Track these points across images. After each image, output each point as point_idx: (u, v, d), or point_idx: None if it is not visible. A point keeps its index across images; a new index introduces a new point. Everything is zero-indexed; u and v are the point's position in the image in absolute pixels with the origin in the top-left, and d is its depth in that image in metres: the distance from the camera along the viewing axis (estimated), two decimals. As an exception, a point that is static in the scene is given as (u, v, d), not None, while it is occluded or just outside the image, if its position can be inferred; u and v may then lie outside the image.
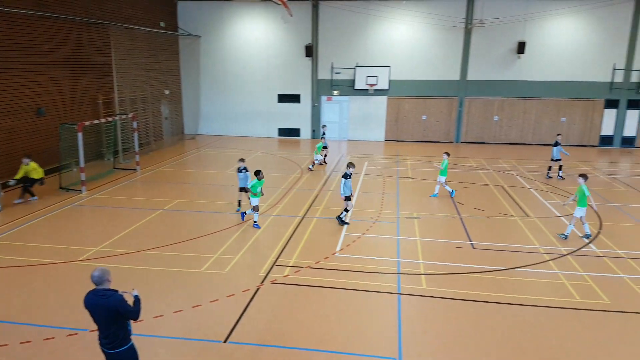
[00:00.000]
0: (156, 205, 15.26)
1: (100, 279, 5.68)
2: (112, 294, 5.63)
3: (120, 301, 5.61)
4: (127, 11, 24.05)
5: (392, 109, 29.40)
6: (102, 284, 5.69)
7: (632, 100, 27.39)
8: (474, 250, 11.93)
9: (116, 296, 5.63)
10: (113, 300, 5.58)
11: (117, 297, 5.63)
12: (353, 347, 7.74)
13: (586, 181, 12.66)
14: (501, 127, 28.77)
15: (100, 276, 5.67)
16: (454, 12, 27.33)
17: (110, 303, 5.57)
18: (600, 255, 11.68)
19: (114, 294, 5.64)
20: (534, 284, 10.12)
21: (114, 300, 5.59)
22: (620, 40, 26.66)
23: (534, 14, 26.78)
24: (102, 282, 5.69)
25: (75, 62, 20.72)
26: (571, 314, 8.86)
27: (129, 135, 22.65)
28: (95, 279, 5.66)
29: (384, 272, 10.59)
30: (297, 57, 29.17)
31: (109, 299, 5.58)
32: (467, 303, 9.20)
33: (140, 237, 12.48)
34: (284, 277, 10.19)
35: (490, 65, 27.90)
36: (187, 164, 22.20)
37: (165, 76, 28.49)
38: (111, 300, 5.58)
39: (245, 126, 30.77)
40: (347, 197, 13.66)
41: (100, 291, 5.65)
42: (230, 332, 8.03)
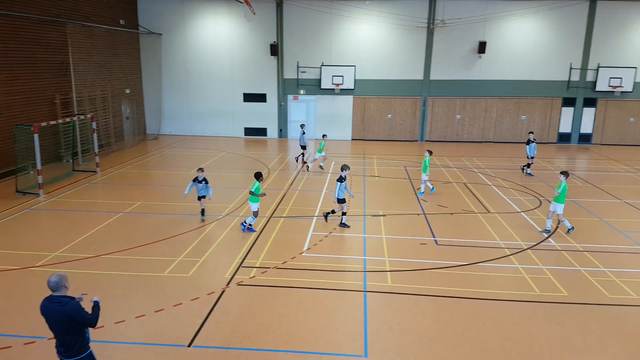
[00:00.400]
0: (117, 208, 14.87)
1: (57, 285, 5.47)
2: (68, 301, 5.43)
3: (76, 309, 5.42)
4: (85, 9, 23.35)
5: (358, 108, 29.59)
6: (59, 290, 5.48)
7: (588, 98, 28.48)
8: (437, 246, 12.13)
9: (72, 303, 5.43)
10: (69, 308, 5.39)
11: (73, 305, 5.43)
12: (319, 346, 7.74)
13: (567, 178, 12.96)
14: (463, 125, 29.37)
15: (57, 282, 5.46)
16: (416, 13, 27.73)
17: (66, 310, 5.38)
18: (559, 249, 12.06)
19: (70, 301, 5.44)
20: (495, 278, 10.36)
21: (70, 307, 5.39)
22: (577, 40, 27.66)
23: (493, 14, 27.44)
24: (59, 288, 5.48)
25: (31, 62, 20.00)
26: (532, 307, 9.11)
27: (89, 136, 21.99)
28: (51, 284, 5.45)
29: (351, 270, 10.64)
30: (262, 56, 28.99)
31: (64, 307, 5.38)
32: (431, 298, 9.34)
33: (101, 241, 12.13)
34: (250, 279, 10.09)
35: (453, 65, 28.43)
36: (150, 165, 21.73)
37: (126, 75, 27.81)
38: (67, 308, 5.38)
39: (210, 126, 30.38)
40: (340, 199, 13.33)
41: (56, 298, 5.45)
42: (194, 336, 7.90)
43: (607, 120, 28.85)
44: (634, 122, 28.68)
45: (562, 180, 12.92)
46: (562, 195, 12.79)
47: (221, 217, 14.16)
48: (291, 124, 30.23)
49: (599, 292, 9.79)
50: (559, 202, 12.85)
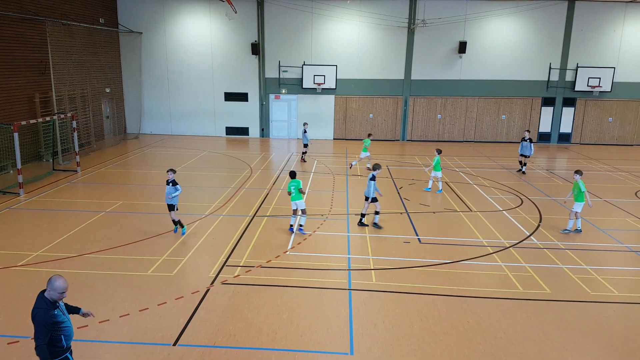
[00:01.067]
0: (98, 208, 14.69)
1: (48, 284, 5.37)
2: (42, 307, 5.28)
3: (40, 320, 5.24)
4: (64, 7, 22.98)
5: (339, 108, 29.69)
6: (48, 291, 5.38)
7: (567, 98, 29.01)
8: (421, 244, 12.25)
9: (42, 312, 5.27)
10: (37, 314, 5.26)
11: (41, 314, 5.26)
12: (305, 344, 7.77)
13: (581, 177, 13.12)
14: (444, 125, 29.68)
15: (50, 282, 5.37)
16: (397, 12, 27.92)
17: (34, 314, 5.27)
18: (541, 247, 12.26)
19: (43, 309, 5.27)
20: (478, 276, 10.50)
21: (37, 313, 5.27)
22: (556, 40, 28.16)
23: (473, 14, 27.79)
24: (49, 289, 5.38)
25: (9, 59, 19.65)
26: (515, 304, 9.25)
27: (69, 135, 21.68)
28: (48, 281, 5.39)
29: (335, 268, 10.68)
30: (243, 55, 28.88)
31: (36, 310, 5.28)
32: (415, 296, 9.44)
33: (83, 240, 11.98)
34: (234, 278, 10.08)
35: (433, 64, 28.70)
36: (130, 164, 21.49)
37: (106, 74, 27.45)
38: (35, 312, 5.27)
39: (191, 125, 30.16)
40: (373, 198, 13.21)
41: (41, 299, 5.36)
42: (179, 335, 7.86)
43: (586, 120, 29.43)
44: (612, 121, 29.32)
45: (577, 179, 13.05)
46: (580, 194, 12.91)
47: (204, 217, 14.09)
48: (273, 123, 30.19)
49: (581, 289, 9.96)
50: (579, 201, 12.97)
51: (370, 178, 13.23)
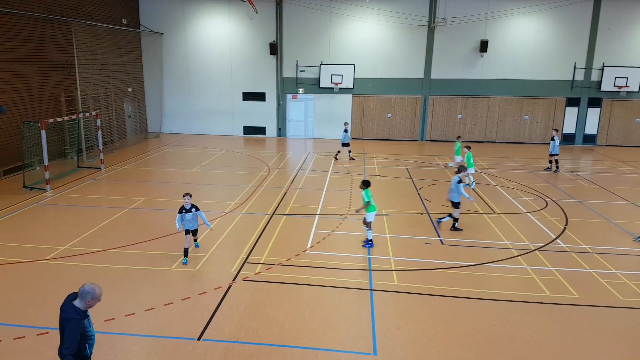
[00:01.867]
0: (122, 204, 14.89)
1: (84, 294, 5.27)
2: (73, 317, 5.19)
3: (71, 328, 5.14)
4: (89, 8, 23.36)
5: (357, 107, 29.61)
6: (78, 300, 5.31)
7: (593, 98, 28.42)
8: (443, 246, 12.12)
9: (75, 322, 5.18)
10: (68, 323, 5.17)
11: (74, 324, 5.17)
12: (327, 343, 7.75)
13: None
14: (465, 125, 29.39)
15: (81, 292, 5.28)
16: (417, 11, 27.73)
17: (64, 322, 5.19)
18: (568, 251, 11.99)
19: (76, 319, 5.19)
20: (503, 279, 10.34)
21: (70, 324, 5.17)
22: (581, 39, 27.61)
23: (495, 13, 27.47)
24: (79, 298, 5.30)
25: (36, 59, 20.07)
26: (542, 308, 9.05)
27: (93, 133, 22.04)
28: (81, 291, 5.29)
29: (356, 268, 10.64)
30: (262, 55, 29.00)
31: (68, 320, 5.18)
32: (439, 298, 9.34)
33: (107, 235, 12.17)
34: (255, 275, 10.12)
35: (454, 63, 28.44)
36: (152, 162, 21.74)
37: (128, 74, 27.81)
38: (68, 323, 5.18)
39: (210, 124, 30.39)
40: (456, 203, 12.94)
41: (71, 306, 5.27)
42: (203, 330, 7.92)
43: (612, 121, 28.78)
44: (639, 122, 28.70)
45: None
46: None
47: (224, 214, 14.17)
48: (290, 122, 30.25)
49: (610, 294, 9.72)
50: None
51: (457, 181, 12.84)
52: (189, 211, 10.46)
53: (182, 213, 10.41)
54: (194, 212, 10.54)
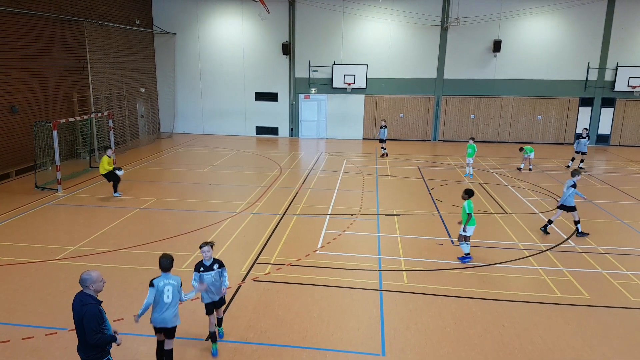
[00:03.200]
0: (134, 204, 14.99)
1: (83, 282, 5.38)
2: (89, 302, 5.29)
3: (89, 314, 5.22)
4: (102, 8, 23.57)
5: (369, 107, 29.51)
6: (85, 289, 5.40)
7: (606, 98, 28.03)
8: (454, 246, 12.01)
9: (90, 307, 5.26)
10: (85, 310, 5.24)
11: (90, 309, 5.25)
12: (336, 344, 7.71)
13: None
14: (478, 125, 29.14)
15: (83, 280, 5.37)
16: (430, 11, 27.56)
17: (83, 311, 5.25)
18: (579, 251, 11.85)
19: (91, 304, 5.29)
20: (514, 279, 10.23)
21: (86, 309, 5.25)
22: (594, 38, 27.24)
23: (509, 12, 27.19)
24: (85, 287, 5.40)
25: (49, 59, 20.26)
26: (553, 309, 8.96)
27: (105, 133, 22.23)
28: (80, 281, 5.39)
29: (366, 269, 10.58)
30: (274, 55, 29.04)
31: (83, 307, 5.26)
32: (449, 299, 9.26)
33: (118, 235, 12.25)
34: (265, 275, 10.11)
35: (467, 63, 28.22)
36: (164, 163, 21.88)
37: (141, 74, 28.03)
38: (84, 309, 5.25)
39: (222, 124, 30.50)
40: (571, 207, 12.59)
41: (84, 296, 5.38)
42: (212, 331, 7.92)
43: (626, 121, 28.33)
44: (653, 122, 28.23)
45: None
46: None
47: (235, 214, 14.20)
48: (302, 123, 30.24)
49: (622, 295, 9.59)
50: None
51: (571, 185, 12.55)
52: (210, 269, 7.25)
53: (201, 272, 7.24)
54: (217, 271, 7.27)
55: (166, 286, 6.48)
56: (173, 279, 6.56)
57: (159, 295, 6.46)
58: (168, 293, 6.47)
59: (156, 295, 6.44)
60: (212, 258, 7.18)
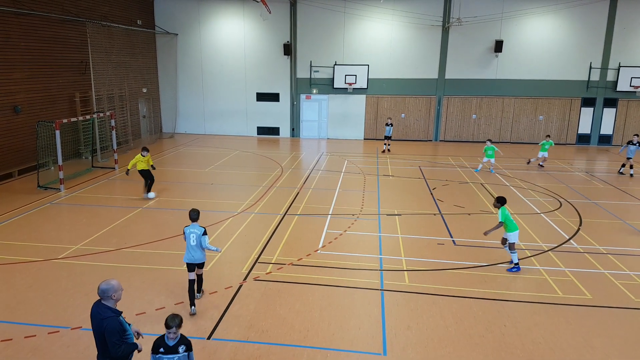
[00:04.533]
0: (135, 204, 15.03)
1: (103, 293, 5.28)
2: (109, 316, 5.21)
3: (111, 328, 5.18)
4: (104, 9, 23.63)
5: (371, 108, 29.51)
6: (105, 300, 5.32)
7: (609, 98, 27.99)
8: (455, 246, 12.03)
9: (111, 320, 5.20)
10: (106, 323, 5.19)
11: (111, 323, 5.19)
12: (337, 343, 7.72)
13: None
14: (479, 125, 29.12)
15: (104, 291, 5.28)
16: (431, 11, 27.55)
17: (103, 324, 5.19)
18: (581, 251, 11.84)
19: (112, 317, 5.22)
20: (516, 279, 10.23)
21: (107, 323, 5.19)
22: (597, 38, 27.19)
23: (510, 12, 27.17)
24: (104, 297, 5.31)
25: (51, 60, 20.32)
26: (554, 309, 8.96)
27: (107, 133, 22.28)
28: (99, 291, 5.29)
29: (367, 268, 10.59)
30: (276, 55, 29.06)
31: (103, 320, 5.20)
32: (450, 299, 9.26)
33: (120, 235, 12.28)
34: (266, 274, 10.12)
35: (468, 64, 28.20)
36: (166, 162, 21.91)
37: (143, 74, 28.09)
38: (105, 322, 5.19)
39: (224, 125, 30.54)
40: None
41: (102, 307, 5.30)
42: (213, 329, 7.95)
43: (629, 121, 28.27)
44: (656, 122, 28.16)
45: None
46: None
47: (236, 214, 14.21)
48: (303, 123, 30.26)
49: (624, 295, 9.58)
50: None
51: None
52: (174, 351, 5.63)
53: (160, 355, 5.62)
54: (182, 355, 5.65)
55: (191, 233, 8.35)
56: (197, 229, 8.41)
57: (187, 240, 8.37)
58: (193, 238, 8.32)
59: (185, 239, 8.38)
60: (177, 337, 5.73)
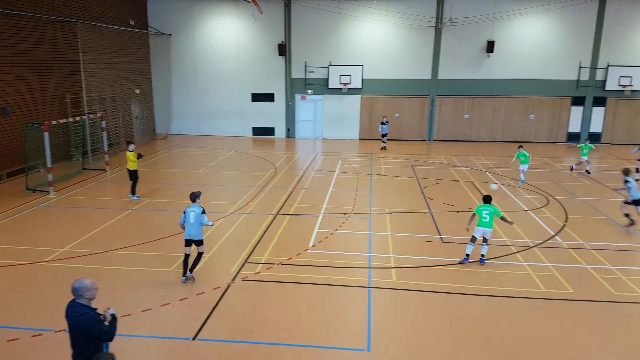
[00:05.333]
0: (125, 206, 15.03)
1: (76, 291, 5.28)
2: (85, 312, 5.22)
3: (90, 322, 5.17)
4: (95, 9, 23.59)
5: (365, 108, 29.58)
6: (79, 298, 5.31)
7: (598, 97, 28.20)
8: (443, 243, 12.13)
9: (88, 315, 5.21)
10: (83, 319, 5.17)
11: (89, 317, 5.19)
12: (323, 341, 7.79)
13: None
14: (471, 125, 29.24)
15: (77, 289, 5.27)
16: (424, 12, 27.66)
17: (81, 321, 5.19)
18: (565, 247, 12.00)
19: (87, 313, 5.23)
20: (501, 275, 10.35)
21: (84, 319, 5.17)
22: (586, 38, 27.41)
23: (502, 13, 27.30)
24: (78, 296, 5.31)
25: (41, 61, 20.25)
26: (537, 304, 9.09)
27: (98, 135, 22.23)
28: (72, 290, 5.29)
29: (356, 266, 10.67)
30: (270, 55, 29.09)
31: (80, 317, 5.20)
32: (436, 295, 9.36)
33: (108, 237, 12.28)
34: (255, 274, 10.16)
35: (461, 64, 28.32)
36: (158, 164, 21.92)
37: (136, 75, 28.06)
38: (82, 319, 5.19)
39: (219, 125, 30.54)
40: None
41: (77, 305, 5.29)
42: (199, 330, 7.98)
43: (617, 120, 28.52)
44: (644, 121, 28.38)
45: None
46: None
47: (228, 214, 14.25)
48: (299, 123, 30.30)
49: (604, 289, 9.74)
50: None
51: None
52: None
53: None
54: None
55: (191, 212, 9.46)
56: (196, 208, 9.50)
57: (187, 217, 9.47)
58: (192, 216, 9.43)
59: (185, 217, 9.49)
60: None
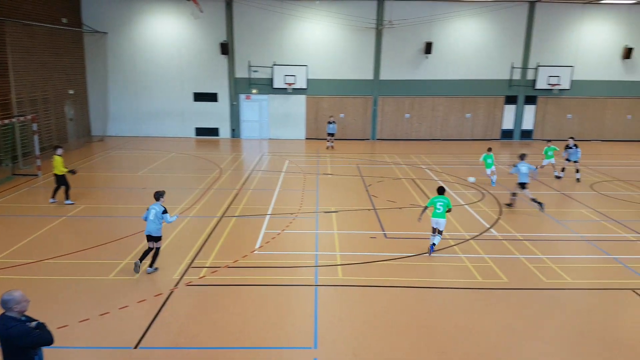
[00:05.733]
0: (59, 212, 14.34)
1: (5, 305, 5.10)
2: (13, 325, 5.05)
3: (19, 334, 5.04)
4: (25, 7, 22.34)
5: (311, 108, 29.71)
6: (8, 311, 5.13)
7: (529, 96, 29.77)
8: (386, 239, 12.43)
9: (17, 328, 5.04)
10: (12, 332, 5.03)
11: (17, 330, 5.04)
12: (270, 341, 7.79)
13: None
14: (412, 124, 30.05)
15: (6, 302, 5.10)
16: (365, 13, 28.12)
17: (9, 334, 5.03)
18: (500, 239, 12.61)
19: (16, 326, 5.05)
20: (440, 267, 10.77)
21: (12, 332, 5.03)
22: (517, 40, 28.86)
23: (439, 15, 28.22)
24: (7, 309, 5.12)
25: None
26: (474, 294, 9.53)
27: (29, 138, 21.08)
28: (1, 304, 5.11)
29: (303, 265, 10.75)
30: (212, 55, 28.62)
31: (8, 330, 5.03)
32: (379, 289, 9.59)
33: (42, 246, 11.68)
34: (199, 279, 10.00)
35: (401, 65, 29.03)
36: (94, 167, 21.06)
37: (69, 75, 26.78)
38: (10, 332, 5.03)
39: (159, 126, 29.69)
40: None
41: (6, 319, 5.11)
42: (141, 338, 7.77)
43: (547, 117, 30.26)
44: (571, 118, 30.22)
45: None
46: None
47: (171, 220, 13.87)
48: (244, 123, 30.01)
49: (536, 277, 10.33)
50: None
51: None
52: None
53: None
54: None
55: (152, 209, 10.07)
56: (158, 206, 10.11)
57: (148, 215, 10.07)
58: (152, 213, 10.04)
59: (147, 213, 10.10)
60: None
